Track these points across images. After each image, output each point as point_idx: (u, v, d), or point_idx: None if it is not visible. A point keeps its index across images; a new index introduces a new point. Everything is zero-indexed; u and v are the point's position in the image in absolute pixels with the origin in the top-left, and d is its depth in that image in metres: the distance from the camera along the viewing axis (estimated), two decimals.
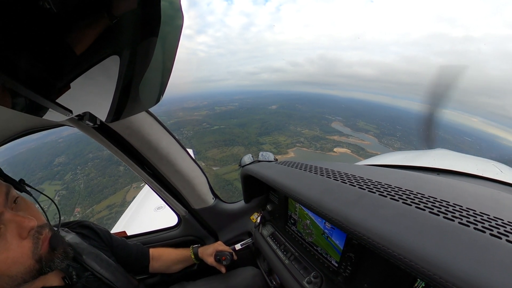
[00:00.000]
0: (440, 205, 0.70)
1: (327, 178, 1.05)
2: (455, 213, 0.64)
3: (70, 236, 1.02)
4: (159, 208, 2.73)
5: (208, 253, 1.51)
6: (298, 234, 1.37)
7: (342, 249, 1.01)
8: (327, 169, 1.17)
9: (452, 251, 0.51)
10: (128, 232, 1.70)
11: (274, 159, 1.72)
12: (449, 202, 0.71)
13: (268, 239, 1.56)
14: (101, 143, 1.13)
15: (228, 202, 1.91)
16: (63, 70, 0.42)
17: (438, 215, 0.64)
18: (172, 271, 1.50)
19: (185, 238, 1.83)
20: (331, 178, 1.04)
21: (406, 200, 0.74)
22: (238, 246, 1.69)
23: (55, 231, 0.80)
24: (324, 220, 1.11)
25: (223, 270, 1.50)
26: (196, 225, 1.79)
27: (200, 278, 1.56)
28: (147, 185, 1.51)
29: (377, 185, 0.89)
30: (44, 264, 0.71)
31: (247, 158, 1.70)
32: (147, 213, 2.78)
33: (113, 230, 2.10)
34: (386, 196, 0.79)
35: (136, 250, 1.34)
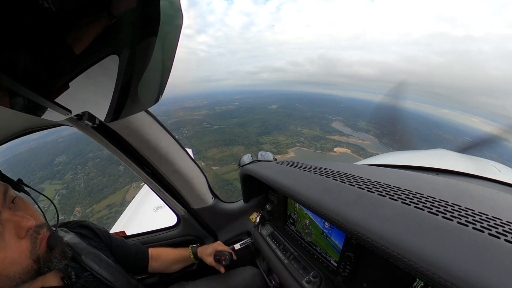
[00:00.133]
0: (439, 205, 0.69)
1: (326, 178, 1.05)
2: (454, 213, 0.64)
3: (69, 236, 1.02)
4: (158, 208, 2.73)
5: (207, 253, 1.51)
6: (297, 233, 1.37)
7: (341, 249, 1.01)
8: (326, 169, 1.17)
9: (451, 250, 0.51)
10: (127, 232, 1.70)
11: (273, 158, 1.72)
12: (448, 202, 0.71)
13: (267, 238, 1.56)
14: (100, 143, 1.13)
15: (227, 201, 1.91)
16: (62, 69, 0.42)
17: (437, 215, 0.63)
18: (171, 271, 1.50)
19: (184, 238, 1.83)
20: (330, 178, 1.04)
21: (405, 200, 0.74)
22: (237, 246, 1.69)
23: (53, 230, 0.79)
24: (323, 220, 1.11)
25: (222, 270, 1.50)
26: (195, 225, 1.79)
27: (199, 278, 1.56)
28: (146, 185, 1.51)
29: (376, 185, 0.89)
30: (42, 264, 0.71)
31: (246, 158, 1.70)
32: (146, 213, 2.78)
33: (112, 230, 2.10)
34: (385, 196, 0.78)
35: (135, 250, 1.34)
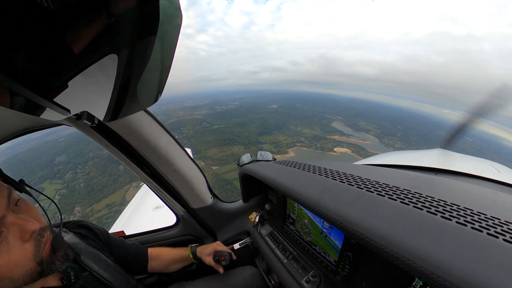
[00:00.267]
0: (437, 204, 0.70)
1: (326, 178, 1.05)
2: (452, 213, 0.64)
3: (68, 236, 1.02)
4: (157, 207, 2.72)
5: (206, 253, 1.51)
6: (297, 233, 1.37)
7: (340, 248, 1.01)
8: (325, 169, 1.17)
9: (449, 250, 0.51)
10: (127, 232, 1.70)
11: (272, 158, 1.72)
12: (446, 202, 0.71)
13: (267, 238, 1.56)
14: (99, 143, 1.13)
15: (227, 201, 1.91)
16: (61, 68, 0.41)
17: (436, 215, 0.64)
18: (170, 271, 1.50)
19: (183, 238, 1.83)
20: (329, 177, 1.04)
21: (404, 200, 0.74)
22: (236, 246, 1.69)
23: (56, 233, 0.80)
24: (322, 220, 1.11)
25: (221, 270, 1.50)
26: (194, 224, 1.79)
27: (198, 277, 1.56)
28: (145, 185, 1.50)
29: (375, 185, 0.89)
30: (46, 267, 0.71)
31: (246, 158, 1.70)
32: (146, 212, 2.77)
33: (112, 230, 2.10)
34: (384, 196, 0.79)
35: (134, 250, 1.34)
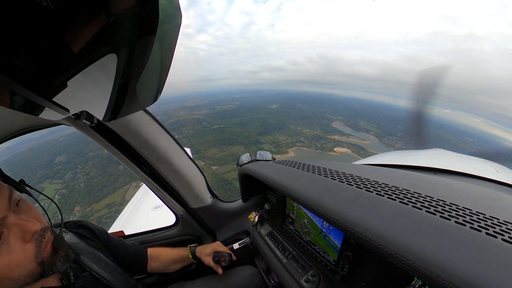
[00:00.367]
0: (436, 204, 0.70)
1: (325, 177, 1.05)
2: (451, 212, 0.64)
3: (67, 236, 1.02)
4: (156, 207, 2.73)
5: (206, 253, 1.51)
6: (296, 233, 1.37)
7: (339, 248, 1.02)
8: (324, 168, 1.17)
9: (448, 250, 0.52)
10: (126, 232, 1.70)
11: (272, 158, 1.72)
12: (445, 202, 0.71)
13: (266, 238, 1.56)
14: (98, 142, 1.13)
15: (226, 201, 1.91)
16: (60, 68, 0.42)
17: (435, 214, 0.64)
18: (170, 271, 1.50)
19: (183, 238, 1.83)
20: (328, 177, 1.05)
21: (403, 200, 0.74)
22: (236, 245, 1.69)
23: (57, 233, 0.80)
24: (321, 219, 1.11)
25: (220, 271, 1.49)
26: (194, 224, 1.79)
27: (198, 277, 1.56)
28: (144, 184, 1.50)
29: (374, 185, 0.89)
30: (47, 267, 0.71)
31: (245, 157, 1.70)
32: (145, 212, 2.77)
33: (111, 230, 2.10)
34: (383, 196, 0.79)
35: (134, 250, 1.34)
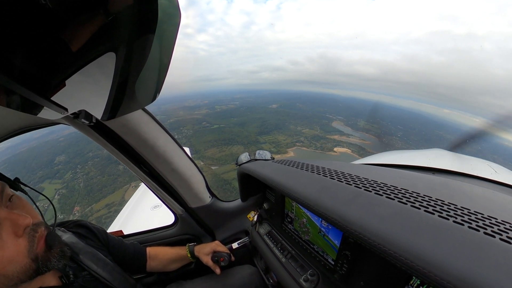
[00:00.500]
0: (435, 204, 0.70)
1: (324, 177, 1.05)
2: (449, 212, 0.65)
3: (66, 236, 1.02)
4: (155, 207, 2.73)
5: (204, 252, 1.51)
6: (295, 232, 1.37)
7: (338, 247, 1.02)
8: (323, 168, 1.17)
9: (447, 249, 0.52)
10: (125, 231, 1.70)
11: (271, 157, 1.73)
12: (444, 201, 0.71)
13: (265, 237, 1.57)
14: (97, 142, 1.13)
15: (225, 200, 1.91)
16: (58, 67, 0.41)
17: (433, 214, 0.64)
18: (169, 270, 1.50)
19: (182, 237, 1.83)
20: (327, 176, 1.05)
21: (402, 199, 0.74)
22: (235, 245, 1.69)
23: (51, 229, 0.79)
24: (320, 219, 1.12)
25: (218, 271, 1.49)
26: (193, 223, 1.79)
27: (197, 277, 1.56)
28: (143, 184, 1.50)
29: (373, 184, 0.89)
30: (41, 264, 0.70)
31: (244, 157, 1.70)
32: (144, 212, 2.77)
33: (110, 229, 2.10)
34: (382, 195, 0.79)
35: (133, 249, 1.34)
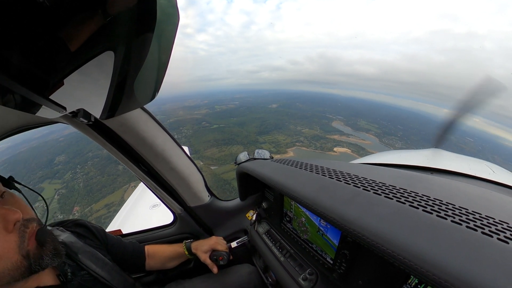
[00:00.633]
0: (433, 203, 0.70)
1: (322, 176, 1.05)
2: (448, 212, 0.65)
3: (65, 235, 1.01)
4: (154, 206, 2.73)
5: (203, 250, 1.50)
6: (294, 231, 1.37)
7: (337, 246, 1.02)
8: (322, 167, 1.18)
9: (444, 248, 0.52)
10: (124, 231, 1.69)
11: (269, 156, 1.73)
12: (442, 201, 0.72)
13: (264, 236, 1.57)
14: (95, 141, 1.12)
15: (224, 199, 1.90)
16: (57, 66, 0.42)
17: (431, 214, 0.64)
18: (167, 268, 1.50)
19: (180, 236, 1.83)
20: (326, 176, 1.05)
21: (400, 199, 0.75)
22: (234, 244, 1.69)
23: (42, 225, 0.77)
24: (319, 218, 1.12)
25: (215, 270, 1.48)
26: (191, 222, 1.79)
27: (196, 276, 1.56)
28: (142, 183, 1.49)
29: (371, 183, 0.90)
30: (33, 261, 0.69)
31: (243, 156, 1.70)
32: (143, 211, 2.77)
33: (109, 228, 2.10)
34: (380, 195, 0.79)
35: (131, 248, 1.34)
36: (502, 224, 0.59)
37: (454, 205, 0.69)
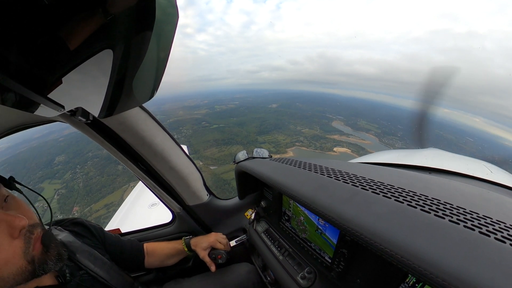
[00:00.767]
0: (431, 203, 0.71)
1: (321, 175, 1.06)
2: (445, 211, 0.65)
3: (63, 235, 1.01)
4: (153, 205, 2.72)
5: (202, 247, 1.50)
6: (292, 230, 1.37)
7: (335, 245, 1.02)
8: (321, 166, 1.18)
9: (442, 247, 0.52)
10: (122, 230, 1.69)
11: (268, 155, 1.73)
12: (440, 200, 0.72)
13: (262, 235, 1.57)
14: (94, 140, 1.12)
15: (223, 198, 1.91)
16: (55, 64, 0.41)
17: (429, 213, 0.65)
18: (167, 265, 1.50)
19: (179, 235, 1.83)
20: (324, 175, 1.05)
21: (398, 198, 0.75)
22: (232, 243, 1.69)
23: (46, 229, 0.78)
24: (318, 217, 1.12)
25: (213, 268, 1.48)
26: (190, 221, 1.79)
27: (195, 274, 1.56)
28: (141, 182, 1.49)
29: (370, 183, 0.90)
30: (37, 266, 0.69)
31: (242, 155, 1.71)
32: (141, 210, 2.77)
33: (107, 228, 2.10)
34: (378, 194, 0.79)
35: (130, 246, 1.34)
36: (500, 224, 0.59)
37: (452, 205, 0.69)
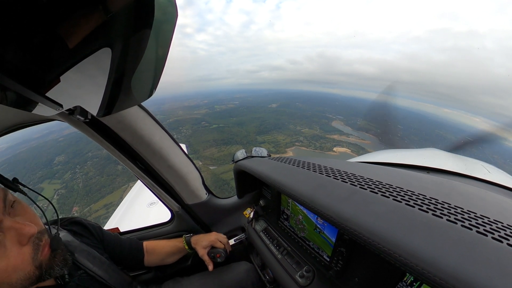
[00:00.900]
0: (429, 202, 0.71)
1: (320, 174, 1.06)
2: (443, 211, 0.65)
3: (61, 234, 1.00)
4: (152, 204, 2.71)
5: (202, 245, 1.50)
6: (291, 229, 1.38)
7: (334, 244, 1.02)
8: (319, 165, 1.18)
9: (440, 247, 0.53)
10: (121, 229, 1.69)
11: (267, 154, 1.73)
12: (438, 200, 0.72)
13: (261, 234, 1.57)
14: (93, 139, 1.12)
15: (221, 197, 1.91)
16: (53, 62, 0.41)
17: (427, 212, 0.65)
18: (167, 263, 1.50)
19: (178, 234, 1.82)
20: (323, 174, 1.05)
21: (397, 197, 0.75)
22: (231, 241, 1.68)
23: (54, 235, 0.79)
24: (316, 216, 1.12)
25: (210, 268, 1.48)
26: (189, 220, 1.79)
27: (194, 273, 1.56)
28: (139, 181, 1.48)
29: (368, 182, 0.90)
30: (44, 271, 0.71)
31: (240, 154, 1.71)
32: (140, 209, 2.76)
33: (106, 227, 2.09)
34: (377, 193, 0.80)
35: (129, 245, 1.34)
36: (497, 224, 0.60)
37: (450, 204, 0.69)
